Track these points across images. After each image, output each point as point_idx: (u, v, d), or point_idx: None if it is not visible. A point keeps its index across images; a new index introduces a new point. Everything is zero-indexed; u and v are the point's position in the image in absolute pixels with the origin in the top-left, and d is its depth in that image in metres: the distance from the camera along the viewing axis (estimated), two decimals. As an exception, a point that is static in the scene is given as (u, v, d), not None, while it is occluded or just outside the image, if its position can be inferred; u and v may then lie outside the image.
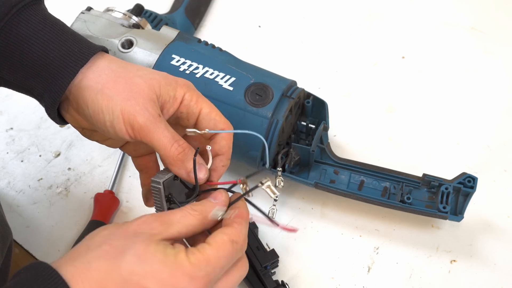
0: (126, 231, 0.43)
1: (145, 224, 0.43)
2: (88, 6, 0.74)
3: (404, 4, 0.92)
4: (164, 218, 0.44)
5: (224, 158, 0.51)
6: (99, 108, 0.47)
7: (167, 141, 0.47)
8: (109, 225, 0.44)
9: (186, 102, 0.50)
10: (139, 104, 0.47)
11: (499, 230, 0.69)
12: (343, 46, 0.88)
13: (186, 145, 0.48)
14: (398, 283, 0.66)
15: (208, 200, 0.47)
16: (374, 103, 0.81)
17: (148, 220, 0.44)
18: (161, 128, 0.47)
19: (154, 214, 0.44)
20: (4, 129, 0.79)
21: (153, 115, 0.47)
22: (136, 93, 0.47)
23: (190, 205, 0.46)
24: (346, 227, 0.70)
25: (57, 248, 0.69)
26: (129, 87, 0.48)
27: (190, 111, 0.50)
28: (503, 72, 0.84)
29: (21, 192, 0.74)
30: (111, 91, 0.47)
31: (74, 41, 0.50)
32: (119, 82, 0.48)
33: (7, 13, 0.48)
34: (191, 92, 0.51)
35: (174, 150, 0.47)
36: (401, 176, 0.67)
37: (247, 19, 0.92)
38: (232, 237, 0.44)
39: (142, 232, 0.43)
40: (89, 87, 0.48)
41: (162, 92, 0.49)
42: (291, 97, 0.66)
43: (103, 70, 0.49)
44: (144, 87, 0.48)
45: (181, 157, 0.48)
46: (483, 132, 0.78)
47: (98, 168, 0.75)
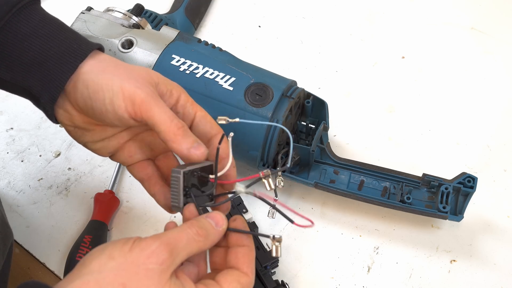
0: (137, 266, 0.42)
1: (154, 257, 0.42)
2: (88, 6, 0.74)
3: (404, 4, 0.93)
4: (172, 247, 0.43)
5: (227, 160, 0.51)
6: (99, 87, 0.48)
7: (167, 116, 0.47)
8: (114, 252, 0.42)
9: (183, 102, 0.51)
10: (139, 82, 0.48)
11: (499, 230, 0.69)
12: (343, 46, 0.88)
13: (183, 123, 0.48)
14: (398, 283, 0.66)
15: (211, 226, 0.47)
16: (374, 103, 0.81)
17: (156, 252, 0.42)
18: (162, 103, 0.48)
19: (159, 239, 0.43)
20: (4, 129, 0.79)
21: (154, 92, 0.48)
22: (136, 75, 0.49)
23: (196, 227, 0.45)
24: (346, 227, 0.70)
25: (57, 248, 0.69)
26: (129, 71, 0.49)
27: (187, 111, 0.51)
28: (503, 72, 0.84)
29: (21, 192, 0.74)
30: (111, 72, 0.49)
31: (73, 39, 0.50)
32: (119, 67, 0.50)
33: (8, 12, 0.49)
34: (186, 95, 0.51)
35: (174, 125, 0.47)
36: (401, 176, 0.67)
37: (247, 19, 0.92)
38: (246, 286, 0.46)
39: (152, 268, 0.42)
40: (90, 71, 0.49)
41: (161, 82, 0.50)
42: (291, 97, 0.66)
43: (104, 59, 0.50)
44: (143, 73, 0.49)
45: (182, 132, 0.47)
46: (483, 132, 0.78)
47: (98, 168, 0.75)
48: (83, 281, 0.41)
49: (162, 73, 0.66)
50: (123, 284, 0.41)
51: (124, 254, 0.42)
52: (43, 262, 0.68)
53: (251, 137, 0.65)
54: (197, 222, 0.46)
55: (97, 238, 0.67)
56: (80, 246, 0.65)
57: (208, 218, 0.47)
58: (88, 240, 0.66)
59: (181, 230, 0.45)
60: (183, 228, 0.45)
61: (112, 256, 0.42)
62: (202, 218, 0.47)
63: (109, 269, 0.41)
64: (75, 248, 0.66)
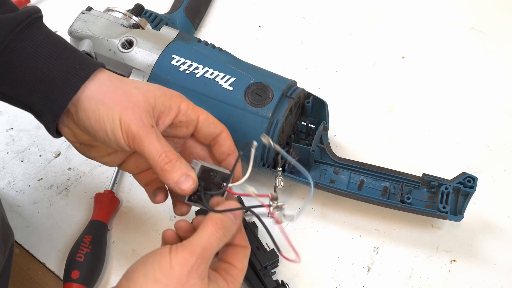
0: (182, 285, 0.45)
1: (195, 272, 0.46)
2: (88, 6, 0.74)
3: (404, 4, 0.93)
4: (207, 257, 0.47)
5: (235, 155, 0.54)
6: (100, 118, 0.49)
7: (155, 151, 0.49)
8: (157, 274, 0.45)
9: (184, 111, 0.53)
10: (135, 114, 0.49)
11: (499, 230, 0.69)
12: (343, 46, 0.88)
13: (174, 156, 0.49)
14: (398, 283, 0.66)
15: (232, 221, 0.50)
16: (374, 103, 0.81)
17: (195, 266, 0.46)
18: (152, 138, 0.49)
19: (195, 253, 0.46)
20: (4, 129, 0.79)
21: (146, 125, 0.49)
22: (133, 103, 0.50)
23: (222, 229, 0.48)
24: (346, 227, 0.70)
25: (57, 248, 0.69)
26: (127, 97, 0.50)
27: (189, 118, 0.53)
28: (503, 72, 0.84)
29: (21, 192, 0.74)
30: (110, 101, 0.49)
31: (76, 58, 0.51)
32: (117, 92, 0.50)
33: (12, 30, 0.49)
34: (186, 101, 0.53)
35: (161, 160, 0.49)
36: (401, 176, 0.67)
37: (247, 19, 0.92)
38: (248, 258, 0.52)
39: (195, 282, 0.46)
40: (90, 97, 0.50)
41: (158, 103, 0.51)
42: (291, 97, 0.66)
43: (104, 82, 0.51)
44: (140, 98, 0.50)
45: (167, 168, 0.49)
46: (483, 132, 0.78)
47: (98, 168, 0.75)
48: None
49: (162, 73, 0.67)
50: None
51: (167, 274, 0.45)
52: (43, 262, 0.68)
53: (251, 137, 0.65)
54: (222, 222, 0.49)
55: (97, 238, 0.67)
56: (80, 246, 0.65)
57: (229, 214, 0.50)
58: (88, 240, 0.66)
59: (210, 236, 0.48)
60: (211, 233, 0.48)
61: (157, 280, 0.45)
62: (226, 217, 0.50)
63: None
64: (75, 248, 0.66)
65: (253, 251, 0.63)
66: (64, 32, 0.74)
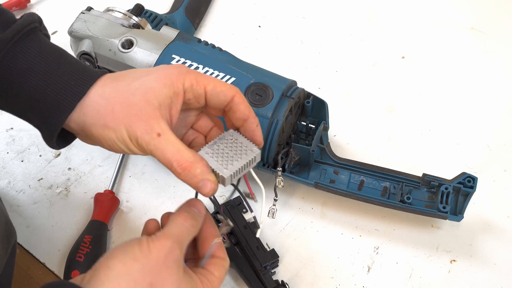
0: (159, 265, 0.46)
1: (171, 255, 0.47)
2: (88, 6, 0.74)
3: (404, 4, 0.93)
4: (181, 244, 0.48)
5: (252, 119, 0.52)
6: (112, 141, 0.49)
7: (167, 161, 0.48)
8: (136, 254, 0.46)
9: (189, 88, 0.50)
10: (139, 128, 0.48)
11: (499, 230, 0.69)
12: (343, 46, 0.88)
13: (187, 164, 0.48)
14: (398, 283, 0.66)
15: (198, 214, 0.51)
16: (374, 103, 0.81)
17: (171, 250, 0.47)
18: (161, 148, 0.48)
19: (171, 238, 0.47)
20: (4, 129, 0.79)
21: (152, 137, 0.48)
22: (134, 116, 0.48)
23: (190, 219, 0.50)
24: (346, 227, 0.70)
25: (57, 248, 0.69)
26: (127, 112, 0.48)
27: (196, 94, 0.50)
28: (503, 72, 0.84)
29: (21, 192, 0.74)
30: (113, 122, 0.48)
31: (71, 73, 0.49)
32: (116, 110, 0.48)
33: (4, 46, 0.48)
34: (189, 77, 0.50)
35: (174, 170, 0.48)
36: (401, 176, 0.67)
37: (247, 19, 0.92)
38: (227, 268, 0.52)
39: (171, 265, 0.47)
40: (93, 125, 0.49)
41: (161, 100, 0.49)
42: (291, 97, 0.66)
43: (99, 103, 0.48)
44: (141, 105, 0.48)
45: (183, 178, 0.48)
46: (483, 132, 0.78)
47: (98, 168, 0.75)
48: (115, 284, 0.44)
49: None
50: (151, 283, 0.45)
51: (146, 255, 0.46)
52: (43, 262, 0.68)
53: (251, 137, 0.65)
54: (188, 213, 0.50)
55: (97, 238, 0.67)
56: (80, 246, 0.65)
57: (192, 208, 0.51)
58: (88, 240, 0.66)
59: (181, 225, 0.49)
60: (181, 223, 0.49)
61: (136, 258, 0.46)
62: (191, 210, 0.51)
63: (136, 270, 0.45)
64: (75, 248, 0.66)
65: (253, 251, 0.63)
66: (64, 32, 0.74)
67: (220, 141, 0.51)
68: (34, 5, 0.94)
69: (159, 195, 0.73)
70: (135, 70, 0.52)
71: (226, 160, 0.50)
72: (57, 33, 0.90)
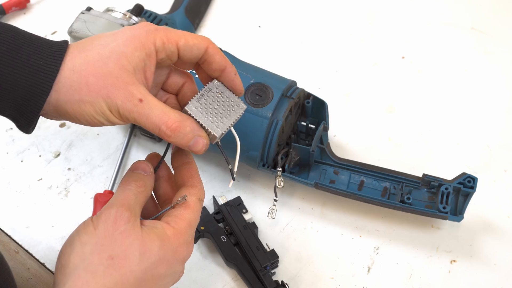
0: (111, 235, 0.44)
1: (119, 220, 0.45)
2: (88, 6, 0.74)
3: (404, 4, 0.93)
4: (127, 205, 0.46)
5: (229, 68, 0.51)
6: (90, 116, 0.47)
7: (154, 126, 0.47)
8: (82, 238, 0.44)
9: (161, 47, 0.48)
10: (119, 97, 0.46)
11: (499, 230, 0.69)
12: (343, 46, 0.88)
13: (175, 125, 0.47)
14: (398, 283, 0.66)
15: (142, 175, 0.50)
16: (374, 103, 0.81)
17: (117, 215, 0.45)
18: (145, 114, 0.46)
19: (114, 205, 0.46)
20: (4, 129, 0.79)
21: (134, 103, 0.46)
22: (111, 86, 0.46)
23: (132, 181, 0.49)
24: (346, 227, 0.70)
25: (57, 248, 0.69)
26: (102, 83, 0.46)
27: (169, 52, 0.49)
28: (503, 72, 0.84)
29: (21, 192, 0.74)
30: (89, 95, 0.46)
31: (36, 53, 0.46)
32: (90, 82, 0.46)
33: None
34: (158, 35, 0.48)
35: (163, 133, 0.47)
36: (401, 176, 0.67)
37: (247, 19, 0.92)
38: (199, 195, 0.50)
39: (124, 228, 0.45)
40: (68, 102, 0.46)
41: (134, 64, 0.47)
42: (291, 97, 0.66)
43: (71, 78, 0.46)
44: (116, 74, 0.46)
45: (173, 140, 0.47)
46: (483, 132, 0.78)
47: (98, 168, 0.75)
48: (75, 277, 0.42)
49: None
50: (110, 256, 0.43)
51: (93, 234, 0.45)
52: (43, 262, 0.68)
53: (251, 138, 0.65)
54: (129, 177, 0.49)
55: (97, 238, 0.67)
56: (80, 246, 0.65)
57: (135, 171, 0.50)
58: (88, 240, 0.66)
59: (123, 190, 0.48)
60: (124, 188, 0.48)
61: (84, 242, 0.44)
62: (131, 173, 0.50)
63: (89, 253, 0.44)
64: (75, 248, 0.66)
65: (253, 252, 0.63)
66: (64, 32, 0.74)
67: (206, 93, 0.50)
68: (34, 5, 0.94)
69: (159, 195, 0.73)
70: (99, 36, 0.48)
71: (215, 117, 0.49)
72: (56, 33, 0.90)
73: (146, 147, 0.77)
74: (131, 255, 0.44)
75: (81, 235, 0.45)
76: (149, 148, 0.77)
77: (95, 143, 0.78)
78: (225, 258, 0.64)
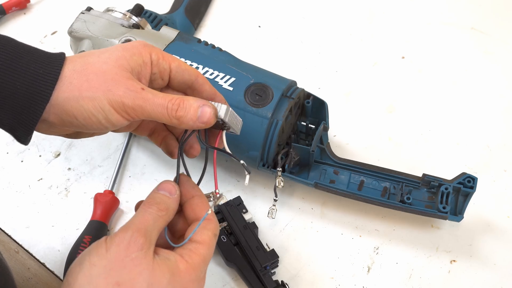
0: (121, 261, 0.43)
1: (133, 246, 0.44)
2: (88, 6, 0.74)
3: (404, 4, 0.93)
4: (143, 231, 0.45)
5: (220, 97, 0.53)
6: (88, 113, 0.46)
7: (161, 108, 0.46)
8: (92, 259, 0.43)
9: (155, 61, 0.50)
10: (121, 89, 0.46)
11: (499, 230, 0.69)
12: (343, 46, 0.88)
13: (179, 100, 0.47)
14: (398, 283, 0.66)
15: (167, 197, 0.49)
16: (374, 103, 0.81)
17: (132, 240, 0.44)
18: (150, 99, 0.46)
19: (129, 229, 0.45)
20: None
21: (138, 91, 0.46)
22: (111, 80, 0.46)
23: (155, 204, 0.48)
24: (346, 227, 0.70)
25: (57, 248, 0.69)
26: (103, 79, 0.46)
27: (161, 68, 0.50)
28: (503, 72, 0.84)
29: (21, 192, 0.74)
30: (89, 91, 0.46)
31: (37, 62, 0.46)
32: (91, 79, 0.46)
33: None
34: (155, 50, 0.50)
35: (170, 111, 0.47)
36: (401, 176, 0.67)
37: (247, 19, 0.92)
38: (215, 231, 0.49)
39: (136, 255, 0.43)
40: (67, 99, 0.46)
41: (132, 65, 0.48)
42: (291, 97, 0.66)
43: (72, 77, 0.46)
44: (116, 71, 0.47)
45: (180, 113, 0.47)
46: (483, 132, 0.78)
47: (98, 168, 0.75)
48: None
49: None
50: (117, 283, 0.42)
51: (104, 256, 0.43)
52: (43, 262, 0.68)
53: (251, 138, 0.65)
54: (153, 199, 0.48)
55: (97, 238, 0.66)
56: (80, 246, 0.65)
57: (160, 191, 0.49)
58: (88, 240, 0.66)
59: (144, 212, 0.47)
60: (144, 210, 0.47)
61: (93, 264, 0.43)
62: (156, 194, 0.49)
63: (97, 275, 0.42)
64: (75, 248, 0.66)
65: (253, 251, 0.63)
66: (64, 32, 0.74)
67: None
68: (34, 5, 0.94)
69: (159, 195, 0.73)
70: (97, 49, 0.51)
71: None
72: (57, 33, 0.90)
73: (146, 147, 0.77)
74: (138, 285, 0.43)
75: (92, 256, 0.44)
76: (149, 149, 0.77)
77: (95, 143, 0.78)
78: (225, 258, 0.64)
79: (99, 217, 0.69)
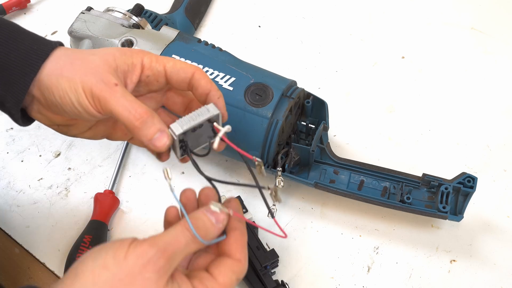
0: (133, 276, 0.41)
1: (151, 266, 0.41)
2: (88, 6, 0.74)
3: (404, 4, 0.93)
4: (169, 254, 0.42)
5: (214, 92, 0.52)
6: (63, 91, 0.48)
7: (123, 109, 0.47)
8: (108, 260, 0.41)
9: (148, 64, 0.51)
10: (95, 78, 0.48)
11: (499, 230, 0.69)
12: (343, 46, 0.88)
13: (144, 113, 0.47)
14: (398, 283, 0.66)
15: (211, 223, 0.45)
16: (374, 103, 0.81)
17: (153, 259, 0.42)
18: (117, 96, 0.47)
19: (156, 246, 0.42)
20: (4, 129, 0.79)
21: (108, 85, 0.47)
22: (92, 69, 0.48)
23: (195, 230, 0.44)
24: (346, 227, 0.70)
25: (57, 248, 0.69)
26: (85, 65, 0.49)
27: (155, 70, 0.51)
28: (503, 72, 0.84)
29: (21, 192, 0.74)
30: (69, 72, 0.48)
31: (33, 40, 0.50)
32: (75, 63, 0.49)
33: None
34: (148, 55, 0.51)
35: (131, 118, 0.47)
36: (400, 176, 0.67)
37: (247, 19, 0.92)
38: (239, 276, 0.45)
39: (149, 276, 0.41)
40: (49, 74, 0.48)
41: (119, 63, 0.50)
42: (291, 97, 0.66)
43: (60, 58, 0.49)
44: (99, 63, 0.49)
45: (138, 125, 0.47)
46: (483, 132, 0.78)
47: (98, 168, 0.75)
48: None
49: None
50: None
51: (119, 263, 0.41)
52: (43, 262, 0.68)
53: (251, 137, 0.65)
54: (196, 221, 0.45)
55: (97, 238, 0.67)
56: (80, 246, 0.65)
57: (208, 214, 0.45)
58: (88, 240, 0.66)
59: (179, 233, 0.44)
60: (181, 230, 0.44)
61: (106, 266, 0.41)
62: (203, 215, 0.45)
63: (104, 281, 0.41)
64: (75, 248, 0.66)
65: (253, 251, 0.63)
66: (64, 32, 0.74)
67: (190, 112, 0.50)
68: (34, 5, 0.94)
69: (159, 195, 0.73)
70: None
71: (183, 121, 0.49)
72: (57, 33, 0.90)
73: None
74: None
75: (109, 256, 0.42)
76: (149, 148, 0.77)
77: (95, 143, 0.78)
78: (225, 258, 0.64)
79: (99, 217, 0.69)
